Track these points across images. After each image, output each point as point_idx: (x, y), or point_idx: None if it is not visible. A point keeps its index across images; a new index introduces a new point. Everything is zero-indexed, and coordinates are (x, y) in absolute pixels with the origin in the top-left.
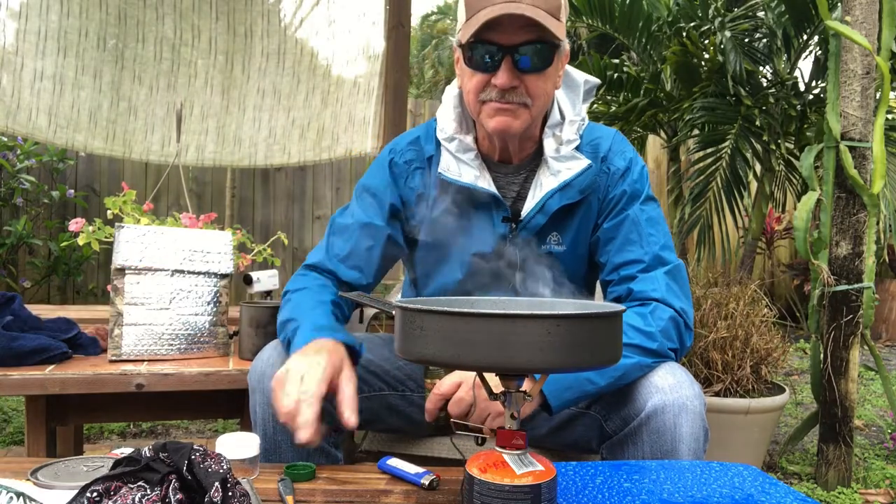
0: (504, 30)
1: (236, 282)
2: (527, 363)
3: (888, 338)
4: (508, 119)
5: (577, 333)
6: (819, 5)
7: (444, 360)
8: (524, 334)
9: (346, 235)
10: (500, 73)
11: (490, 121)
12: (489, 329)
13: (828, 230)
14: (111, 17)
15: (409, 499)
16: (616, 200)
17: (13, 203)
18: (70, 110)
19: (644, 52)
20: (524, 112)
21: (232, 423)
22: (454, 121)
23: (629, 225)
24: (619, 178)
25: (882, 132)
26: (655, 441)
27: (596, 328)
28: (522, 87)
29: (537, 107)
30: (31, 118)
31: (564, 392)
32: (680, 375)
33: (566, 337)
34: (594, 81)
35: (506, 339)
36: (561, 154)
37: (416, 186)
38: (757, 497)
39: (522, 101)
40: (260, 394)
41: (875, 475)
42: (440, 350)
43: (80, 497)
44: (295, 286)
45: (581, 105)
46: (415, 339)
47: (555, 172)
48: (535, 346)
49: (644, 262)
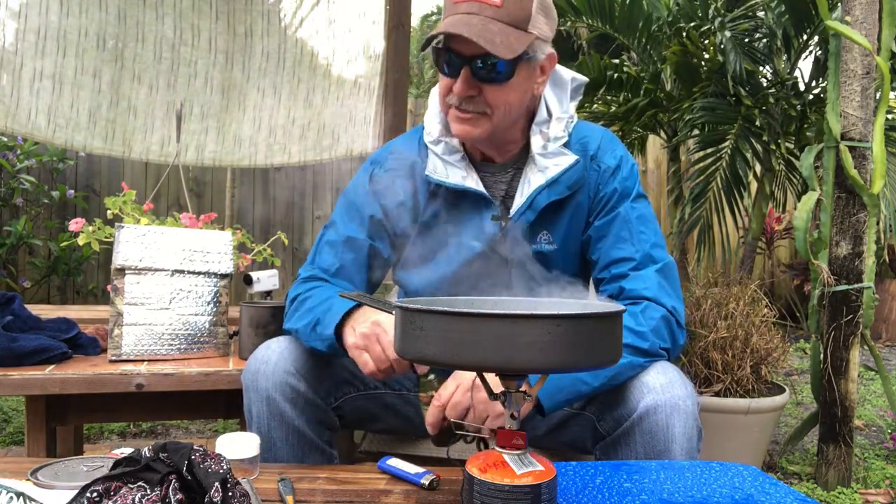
0: (463, 39)
1: (236, 282)
2: (527, 364)
3: (888, 338)
4: (467, 127)
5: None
6: (819, 5)
7: (445, 360)
8: (524, 335)
9: (333, 251)
10: (458, 81)
11: (453, 125)
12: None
13: (828, 230)
14: (111, 16)
15: (409, 499)
16: (607, 198)
17: (13, 203)
18: (69, 110)
19: (644, 52)
20: (484, 121)
21: (232, 423)
22: (439, 123)
23: (620, 223)
24: (610, 175)
25: (882, 132)
26: (648, 441)
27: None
28: (482, 97)
29: (498, 116)
30: (30, 118)
31: (557, 394)
32: (672, 375)
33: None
34: (581, 79)
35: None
36: (548, 151)
37: (399, 192)
38: (757, 497)
39: (481, 109)
40: (254, 392)
41: (875, 475)
42: (440, 350)
43: (80, 497)
44: (302, 289)
45: (569, 103)
46: (415, 339)
47: (542, 169)
48: (535, 346)
49: (635, 260)
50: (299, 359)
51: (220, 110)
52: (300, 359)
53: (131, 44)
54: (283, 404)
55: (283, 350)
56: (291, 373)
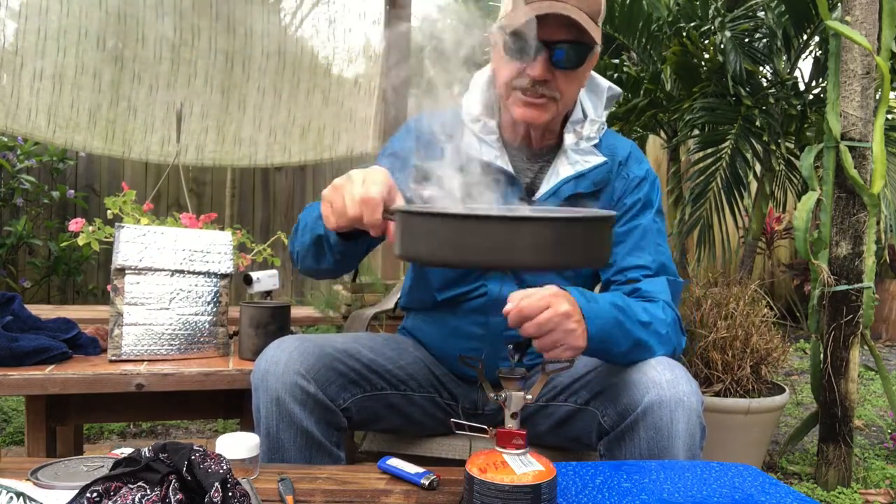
0: (547, 25)
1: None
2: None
3: (888, 338)
4: (535, 111)
5: (570, 234)
6: (819, 5)
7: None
8: (525, 235)
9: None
10: (535, 65)
11: (518, 109)
12: (493, 230)
13: (828, 230)
14: (111, 16)
15: (409, 499)
16: (630, 206)
17: (13, 203)
18: (69, 110)
19: (644, 52)
20: (552, 105)
21: (232, 423)
22: (481, 104)
23: (641, 232)
24: (636, 185)
25: (882, 132)
26: (652, 437)
27: (586, 230)
28: (554, 82)
29: (564, 102)
30: (30, 118)
31: (596, 319)
32: (678, 372)
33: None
34: (617, 90)
35: (509, 239)
36: (580, 147)
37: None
38: (757, 497)
39: (552, 94)
40: (263, 392)
41: (875, 475)
42: (444, 250)
43: (80, 497)
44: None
45: (602, 110)
46: (416, 241)
47: (573, 162)
48: (534, 245)
49: (651, 269)
50: (309, 360)
51: (220, 110)
52: (310, 360)
53: (131, 44)
54: (292, 405)
55: (292, 350)
56: (301, 374)
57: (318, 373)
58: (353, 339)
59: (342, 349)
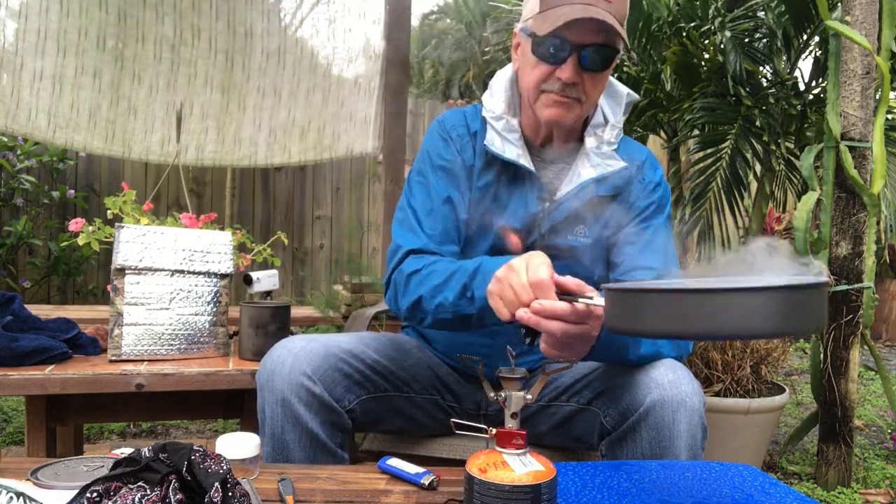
0: (578, 29)
1: (236, 282)
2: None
3: (888, 338)
4: (563, 111)
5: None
6: (819, 5)
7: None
8: (747, 305)
9: (434, 215)
10: (565, 67)
11: (546, 110)
12: (711, 302)
13: (828, 230)
14: (111, 16)
15: (409, 499)
16: (644, 209)
17: (13, 203)
18: (69, 110)
19: (644, 52)
20: (578, 107)
21: (232, 423)
22: (504, 102)
23: (652, 234)
24: (651, 190)
25: (882, 132)
26: (654, 437)
27: (810, 297)
28: (581, 85)
29: (589, 104)
30: (30, 118)
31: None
32: (680, 372)
33: (785, 306)
34: (635, 96)
35: (729, 309)
36: (601, 151)
37: (467, 158)
38: (757, 497)
39: (578, 96)
40: (269, 393)
41: (875, 475)
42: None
43: (80, 497)
44: (421, 264)
45: (621, 115)
46: (631, 317)
47: (594, 165)
48: (756, 314)
49: (659, 272)
50: (315, 360)
51: (220, 110)
52: (315, 360)
53: (131, 44)
54: (297, 406)
55: (298, 351)
56: (307, 374)
57: (324, 374)
58: (357, 340)
59: (347, 350)
